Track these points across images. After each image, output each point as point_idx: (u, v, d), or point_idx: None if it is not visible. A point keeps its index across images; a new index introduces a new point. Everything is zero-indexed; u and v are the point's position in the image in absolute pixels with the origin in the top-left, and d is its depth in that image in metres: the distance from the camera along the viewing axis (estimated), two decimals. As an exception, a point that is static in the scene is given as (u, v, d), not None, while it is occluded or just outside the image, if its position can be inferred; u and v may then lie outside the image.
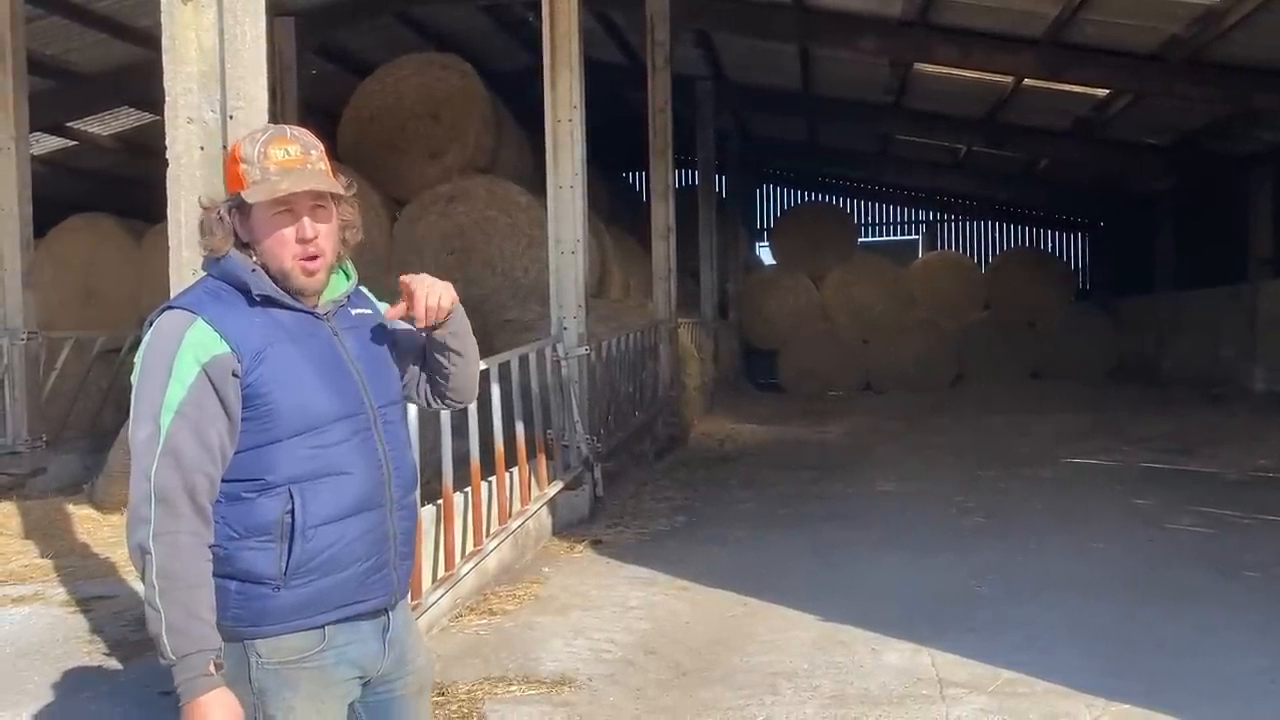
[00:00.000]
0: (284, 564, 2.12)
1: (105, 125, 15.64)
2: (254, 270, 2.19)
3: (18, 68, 9.00)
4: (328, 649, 2.19)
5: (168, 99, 3.20)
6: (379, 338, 2.36)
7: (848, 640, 5.01)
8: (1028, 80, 13.37)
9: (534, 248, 12.09)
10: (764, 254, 23.57)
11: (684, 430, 12.34)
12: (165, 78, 3.20)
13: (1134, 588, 5.83)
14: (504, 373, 6.69)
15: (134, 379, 2.14)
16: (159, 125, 3.34)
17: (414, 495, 2.37)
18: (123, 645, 5.10)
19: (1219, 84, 12.02)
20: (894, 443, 12.00)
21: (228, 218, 2.21)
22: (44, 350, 9.52)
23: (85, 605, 5.82)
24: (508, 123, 13.82)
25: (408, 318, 2.32)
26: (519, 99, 14.22)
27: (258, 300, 2.18)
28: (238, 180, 2.20)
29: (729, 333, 19.14)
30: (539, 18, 8.43)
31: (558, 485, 7.51)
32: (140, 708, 4.34)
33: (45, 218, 11.26)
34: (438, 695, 4.26)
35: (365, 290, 2.43)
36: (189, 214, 3.15)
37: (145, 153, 14.62)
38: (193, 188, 3.16)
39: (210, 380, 2.09)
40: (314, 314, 2.25)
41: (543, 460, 7.39)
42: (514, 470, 6.69)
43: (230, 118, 3.16)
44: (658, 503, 8.56)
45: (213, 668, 2.04)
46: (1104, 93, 13.70)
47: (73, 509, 8.01)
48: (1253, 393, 14.88)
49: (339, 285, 2.32)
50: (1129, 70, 12.13)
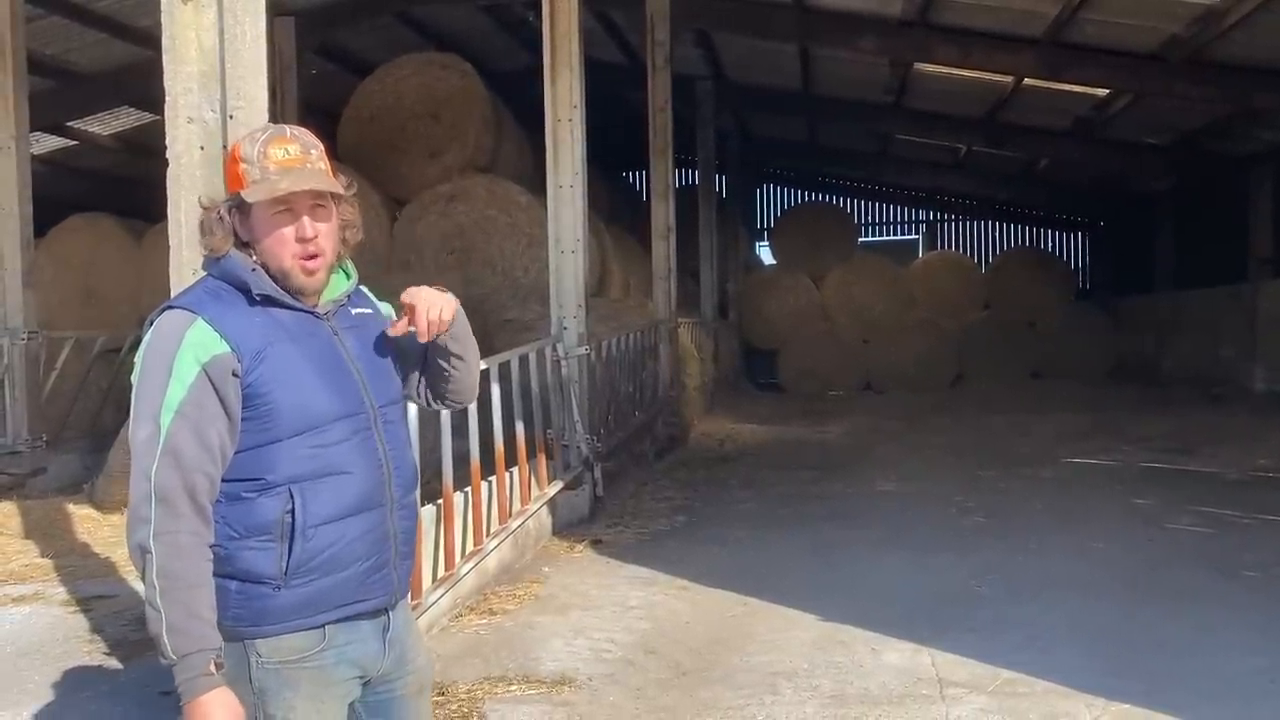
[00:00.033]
0: (284, 564, 2.12)
1: (105, 125, 15.64)
2: (254, 270, 2.19)
3: (18, 67, 9.00)
4: (328, 649, 2.19)
5: (168, 99, 3.21)
6: (380, 338, 2.36)
7: (848, 640, 5.01)
8: (1028, 80, 13.37)
9: (534, 247, 12.09)
10: (764, 254, 23.57)
11: (684, 430, 12.34)
12: (165, 77, 3.20)
13: (1134, 587, 5.83)
14: (504, 372, 6.69)
15: (134, 379, 2.14)
16: (159, 125, 3.34)
17: (414, 495, 2.37)
18: (123, 645, 5.10)
19: (1219, 84, 12.02)
20: (894, 442, 12.00)
21: (228, 217, 2.21)
22: (44, 350, 9.52)
23: (85, 605, 5.82)
24: (508, 122, 13.82)
25: (409, 334, 2.33)
26: (519, 99, 14.22)
27: (258, 300, 2.18)
28: (237, 180, 2.20)
29: (729, 333, 19.14)
30: (539, 17, 8.43)
31: (558, 485, 7.51)
32: (140, 707, 4.34)
33: (45, 217, 11.26)
34: (438, 695, 4.25)
35: (366, 290, 2.43)
36: (189, 214, 3.15)
37: (145, 152, 14.63)
38: (193, 187, 3.16)
39: (210, 380, 2.09)
40: (314, 313, 2.25)
41: (543, 460, 7.39)
42: (514, 470, 6.69)
43: (230, 117, 3.16)
44: (658, 502, 8.56)
45: (213, 667, 2.04)
46: (1104, 92, 13.70)
47: (73, 509, 8.01)
48: (1253, 393, 14.88)
49: (339, 285, 2.32)
50: (1129, 70, 12.13)
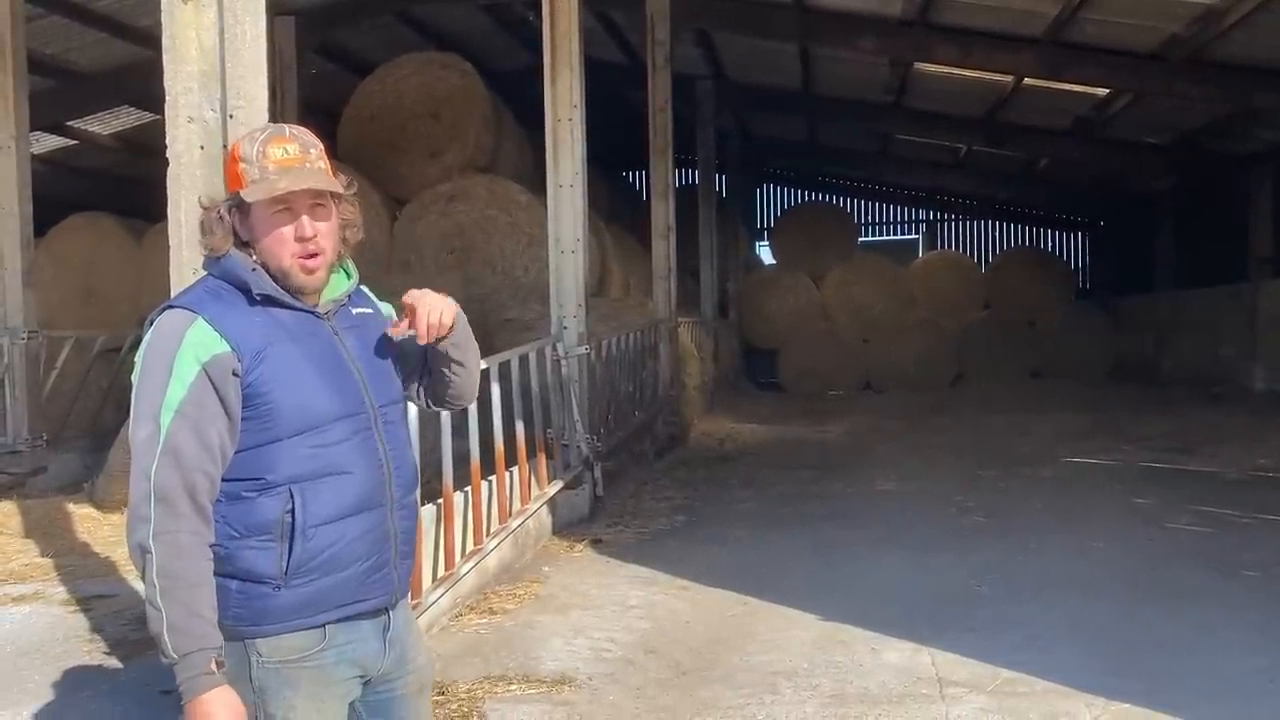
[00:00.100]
0: (284, 563, 2.12)
1: (105, 124, 15.64)
2: (254, 270, 2.19)
3: (18, 67, 9.00)
4: (328, 648, 2.19)
5: (168, 98, 3.21)
6: (380, 338, 2.36)
7: (848, 639, 5.01)
8: (1028, 80, 13.36)
9: (534, 247, 12.09)
10: (764, 253, 23.56)
11: (684, 429, 12.34)
12: (165, 77, 3.20)
13: (1134, 587, 5.84)
14: (504, 372, 6.69)
15: (134, 378, 2.15)
16: (159, 124, 3.34)
17: (414, 494, 2.37)
18: (123, 644, 5.10)
19: (1219, 83, 12.02)
20: (894, 442, 12.00)
21: (227, 217, 2.21)
22: (44, 349, 9.52)
23: (85, 604, 5.82)
24: (508, 122, 13.82)
25: (408, 336, 2.33)
26: (519, 98, 14.21)
27: (258, 299, 2.18)
28: (237, 179, 2.20)
29: (729, 332, 19.13)
30: (539, 17, 8.42)
31: (558, 484, 7.52)
32: (141, 706, 4.34)
33: (45, 217, 11.25)
34: (438, 694, 4.26)
35: (366, 290, 2.43)
36: (189, 213, 3.15)
37: (145, 152, 14.63)
38: (193, 187, 3.16)
39: (210, 379, 2.09)
40: (314, 313, 2.25)
41: (543, 459, 7.39)
42: (514, 470, 6.69)
43: (230, 117, 3.17)
44: (658, 502, 8.56)
45: (214, 666, 2.04)
46: (1104, 92, 13.69)
47: (73, 508, 8.01)
48: (1252, 392, 14.88)
49: (340, 284, 2.32)
50: (1129, 69, 12.13)
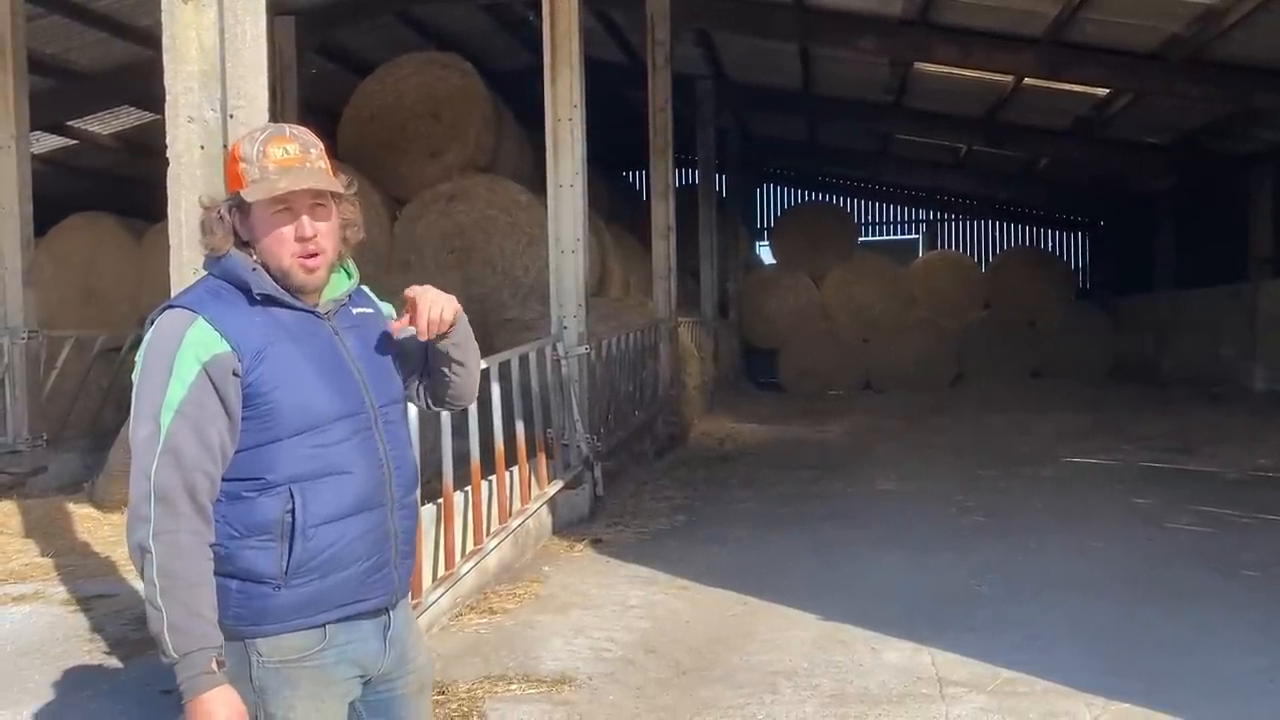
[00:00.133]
0: (285, 563, 2.12)
1: (105, 124, 15.64)
2: (254, 269, 2.19)
3: (18, 66, 9.00)
4: (328, 648, 2.19)
5: (168, 98, 3.21)
6: (381, 338, 2.36)
7: (848, 639, 5.01)
8: (1028, 79, 13.37)
9: (534, 247, 12.09)
10: (764, 253, 23.56)
11: (684, 429, 12.34)
12: (166, 77, 3.21)
13: (1134, 587, 5.84)
14: (504, 372, 6.69)
15: (135, 378, 2.15)
16: (159, 124, 3.34)
17: (415, 494, 2.37)
18: (123, 644, 5.10)
19: (1219, 83, 12.02)
20: (894, 442, 12.00)
21: (228, 217, 2.21)
22: (44, 349, 9.52)
23: (85, 604, 5.82)
24: (508, 122, 13.82)
25: (409, 334, 2.33)
26: (519, 98, 14.21)
27: (258, 299, 2.19)
28: (237, 179, 2.20)
29: (729, 332, 19.13)
30: (539, 17, 8.42)
31: (558, 484, 7.52)
32: (141, 706, 4.34)
33: (45, 216, 11.25)
34: (438, 694, 4.26)
35: (367, 290, 2.43)
36: (189, 213, 3.15)
37: (146, 152, 14.63)
38: (193, 187, 3.17)
39: (211, 379, 2.09)
40: (315, 313, 2.25)
41: (543, 459, 7.39)
42: (514, 469, 6.69)
43: (230, 117, 3.17)
44: (658, 502, 8.56)
45: (215, 665, 2.04)
46: (1104, 92, 13.70)
47: (73, 508, 8.01)
48: (1253, 392, 14.88)
49: (340, 284, 2.32)
50: (1129, 69, 12.13)
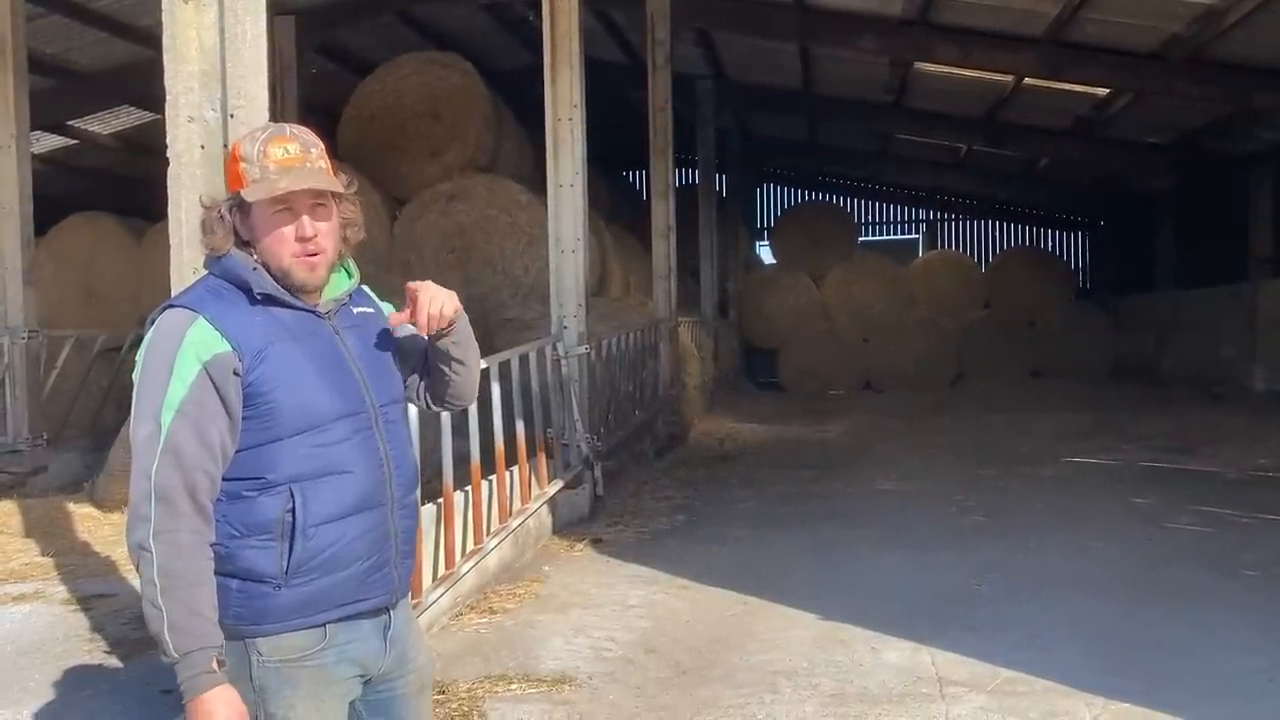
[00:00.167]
0: (285, 563, 2.12)
1: (106, 124, 15.64)
2: (255, 269, 2.19)
3: (18, 66, 9.00)
4: (329, 647, 2.19)
5: (168, 97, 3.21)
6: (381, 337, 2.36)
7: (848, 639, 5.01)
8: (1028, 79, 13.36)
9: (534, 246, 12.08)
10: (764, 253, 23.56)
11: (684, 429, 12.34)
12: (166, 76, 3.21)
13: (1133, 586, 5.84)
14: (504, 371, 6.69)
15: (135, 377, 2.15)
16: (159, 124, 3.35)
17: (415, 494, 2.37)
18: (123, 643, 5.10)
19: (1219, 83, 12.02)
20: (894, 441, 12.00)
21: (228, 216, 2.21)
22: (45, 349, 9.52)
23: (86, 603, 5.82)
24: (508, 121, 13.81)
25: (410, 324, 2.33)
26: (519, 98, 14.22)
27: (259, 299, 2.19)
28: (238, 179, 2.20)
29: (729, 332, 19.13)
30: (539, 17, 8.42)
31: (558, 484, 7.52)
32: (141, 705, 4.34)
33: (46, 216, 11.25)
34: (438, 693, 4.26)
35: (367, 289, 2.43)
36: (190, 213, 3.15)
37: (146, 151, 14.64)
38: (193, 186, 3.17)
39: (211, 379, 2.09)
40: (315, 313, 2.25)
41: (543, 459, 7.39)
42: (514, 469, 6.69)
43: (231, 116, 3.17)
44: (658, 501, 8.56)
45: (215, 665, 2.04)
46: (1104, 92, 13.69)
47: (73, 507, 8.01)
48: (1253, 392, 14.88)
49: (340, 284, 2.32)
50: (1129, 69, 12.13)
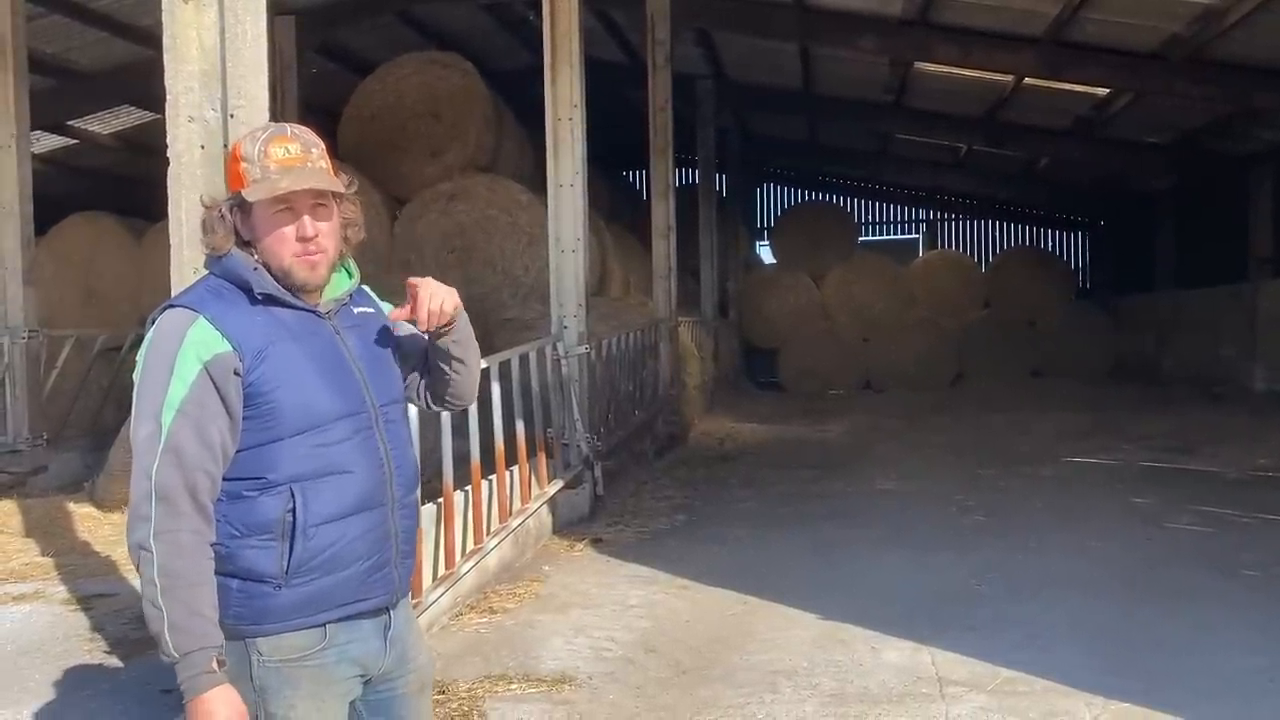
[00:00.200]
0: (285, 563, 2.12)
1: (106, 124, 15.64)
2: (256, 269, 2.19)
3: (19, 66, 9.00)
4: (329, 647, 2.19)
5: (169, 97, 3.21)
6: (381, 337, 2.36)
7: (848, 639, 5.01)
8: (1028, 79, 13.36)
9: (534, 246, 12.08)
10: (764, 253, 23.56)
11: (684, 429, 12.34)
12: (166, 76, 3.21)
13: (1133, 586, 5.84)
14: (504, 371, 6.70)
15: (136, 377, 2.15)
16: (160, 124, 3.35)
17: (415, 494, 2.37)
18: (123, 643, 5.10)
19: (1219, 83, 12.02)
20: (894, 441, 12.00)
21: (229, 216, 2.21)
22: (45, 348, 9.52)
23: (86, 603, 5.82)
24: (508, 121, 13.82)
25: (410, 320, 2.33)
26: (520, 98, 14.22)
27: (259, 299, 2.19)
28: (238, 179, 2.20)
29: (729, 331, 19.13)
30: (540, 16, 8.42)
31: (558, 484, 7.52)
32: (141, 705, 4.34)
33: (46, 216, 11.25)
34: (438, 693, 4.26)
35: (368, 289, 2.43)
36: (190, 212, 3.15)
37: (146, 151, 14.64)
38: (193, 186, 3.17)
39: (212, 378, 2.09)
40: (316, 312, 2.26)
41: (543, 459, 7.39)
42: (514, 469, 6.69)
43: (231, 116, 3.17)
44: (658, 501, 8.56)
45: (215, 665, 2.04)
46: (1104, 92, 13.70)
47: (73, 507, 8.01)
48: (1253, 392, 14.88)
49: (341, 284, 2.32)
50: (1129, 69, 12.13)
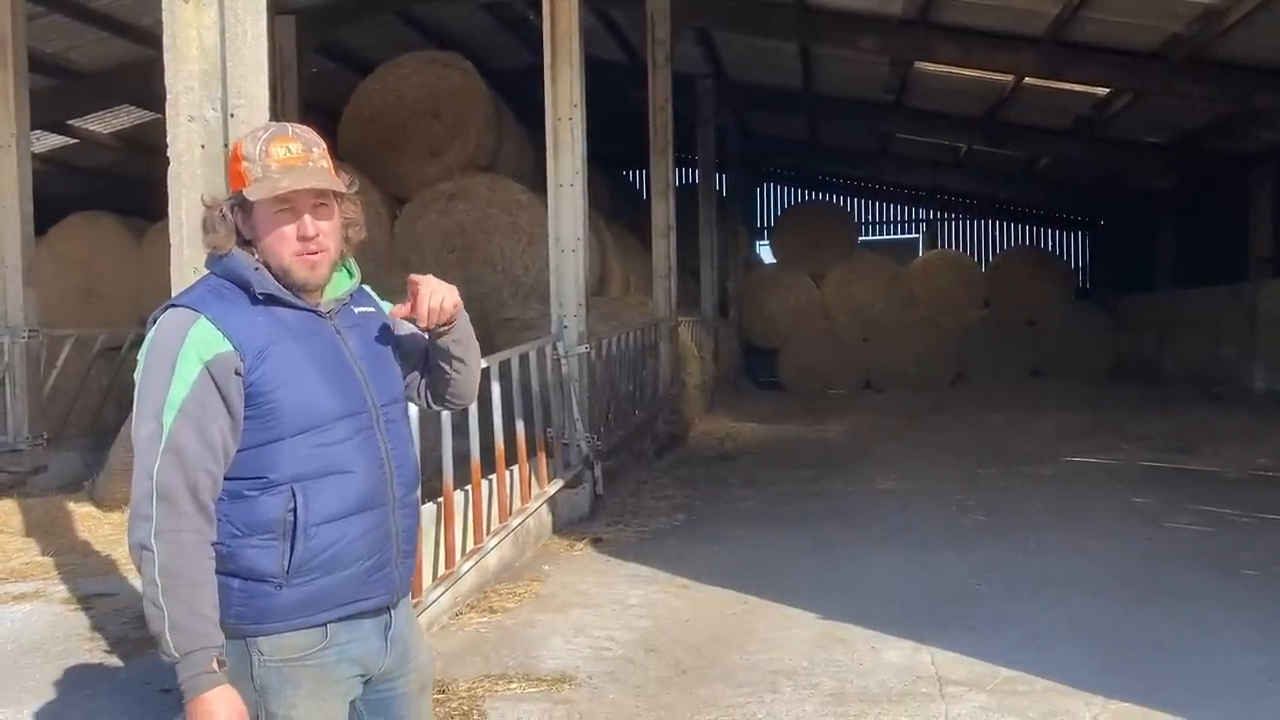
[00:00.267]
0: (286, 562, 2.13)
1: (106, 123, 15.64)
2: (256, 268, 2.19)
3: (19, 65, 8.99)
4: (330, 647, 2.20)
5: (169, 97, 3.21)
6: (382, 336, 2.36)
7: (848, 638, 5.02)
8: (1028, 79, 13.36)
9: (534, 246, 12.08)
10: (764, 252, 23.56)
11: (684, 428, 12.34)
12: (166, 76, 3.21)
13: (1133, 586, 5.84)
14: (504, 371, 6.70)
15: (137, 377, 2.15)
16: (160, 123, 3.35)
17: (416, 493, 2.37)
18: (124, 643, 5.11)
19: (1219, 83, 12.02)
20: (894, 441, 12.00)
21: (230, 216, 2.22)
22: (45, 348, 9.51)
23: (86, 603, 5.82)
24: (508, 121, 13.81)
25: (410, 318, 2.33)
26: (520, 97, 14.22)
27: (260, 298, 2.19)
28: (239, 178, 2.20)
29: (729, 331, 19.13)
30: (540, 16, 8.42)
31: (558, 483, 7.52)
32: (141, 705, 4.34)
33: (46, 215, 11.25)
34: (438, 693, 4.26)
35: (368, 289, 2.43)
36: (190, 212, 3.16)
37: (146, 151, 14.65)
38: (194, 186, 3.17)
39: (213, 378, 2.09)
40: (317, 312, 2.26)
41: (543, 458, 7.39)
42: (514, 468, 6.70)
43: (231, 116, 3.17)
44: (658, 501, 8.56)
45: (216, 665, 2.05)
46: (1104, 91, 13.69)
47: (73, 507, 8.02)
48: (1253, 392, 14.88)
49: (342, 283, 2.32)
50: (1129, 69, 12.13)
